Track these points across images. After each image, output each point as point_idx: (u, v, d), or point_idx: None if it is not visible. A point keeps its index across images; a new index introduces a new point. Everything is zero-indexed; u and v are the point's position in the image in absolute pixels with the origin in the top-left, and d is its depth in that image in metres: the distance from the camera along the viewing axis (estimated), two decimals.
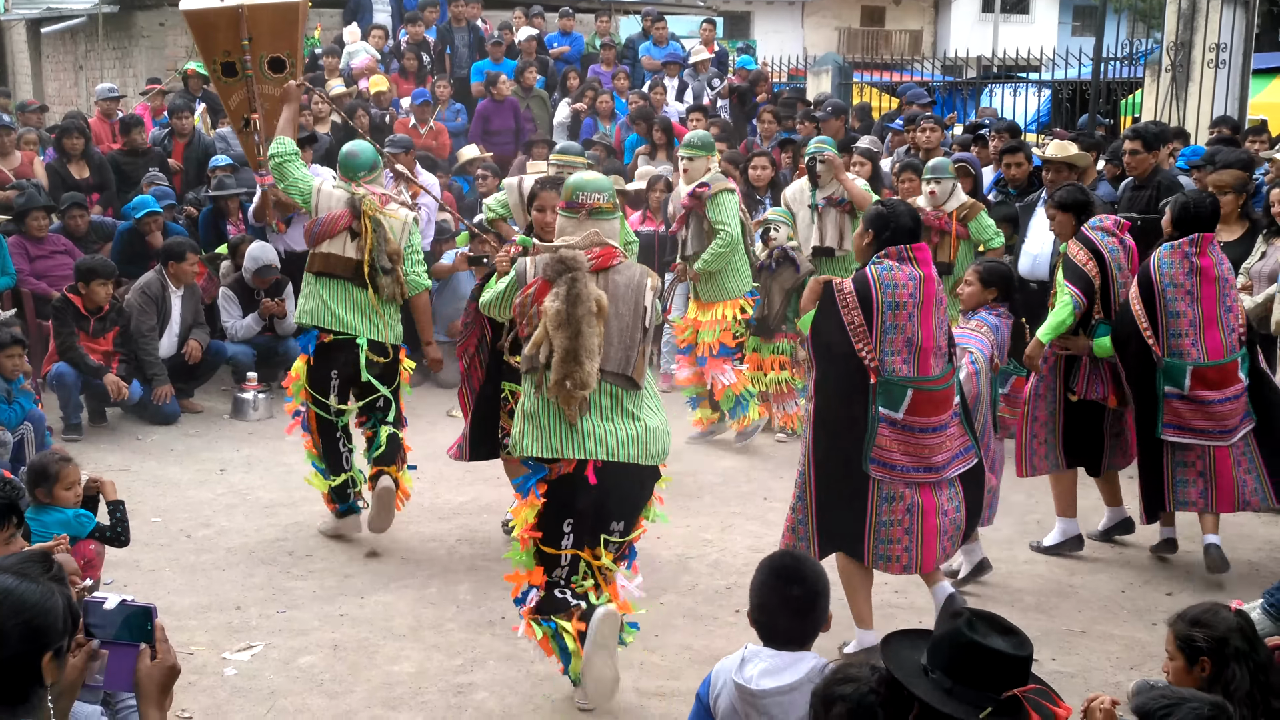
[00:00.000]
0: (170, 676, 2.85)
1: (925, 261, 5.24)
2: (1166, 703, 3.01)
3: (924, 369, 5.18)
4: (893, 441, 5.18)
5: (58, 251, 9.79)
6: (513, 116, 13.25)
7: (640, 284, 4.76)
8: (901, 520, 5.23)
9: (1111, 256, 6.43)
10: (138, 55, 16.58)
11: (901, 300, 5.11)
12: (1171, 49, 12.26)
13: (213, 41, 9.40)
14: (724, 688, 3.55)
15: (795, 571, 3.59)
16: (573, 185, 4.90)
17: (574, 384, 4.55)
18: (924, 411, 5.18)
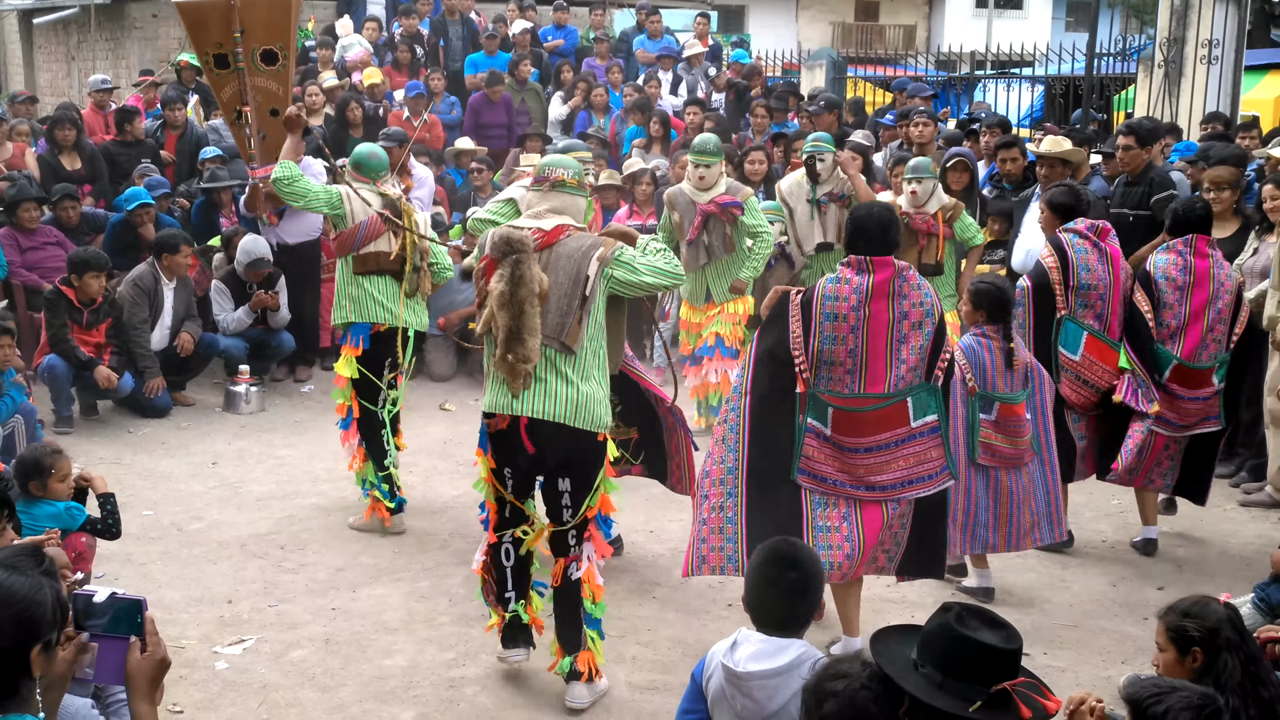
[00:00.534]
0: (160, 669, 2.85)
1: (885, 280, 5.02)
2: (1157, 691, 3.03)
3: (873, 383, 5.03)
4: (820, 454, 5.11)
5: (49, 243, 9.76)
6: (505, 111, 13.23)
7: (586, 254, 4.85)
8: (839, 526, 5.12)
9: (1077, 257, 6.45)
10: (130, 47, 16.54)
11: (841, 312, 5.00)
12: (1164, 45, 12.27)
13: (205, 33, 9.40)
14: (715, 669, 3.58)
15: (790, 556, 3.61)
16: (543, 162, 5.18)
17: (516, 358, 4.76)
18: (850, 431, 5.06)
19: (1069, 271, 6.45)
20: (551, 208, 5.00)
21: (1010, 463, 5.89)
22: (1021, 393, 5.88)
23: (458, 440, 8.68)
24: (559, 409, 4.82)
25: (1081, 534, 6.97)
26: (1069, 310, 6.47)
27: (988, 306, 5.91)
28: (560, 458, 4.92)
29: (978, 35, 29.72)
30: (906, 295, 5.05)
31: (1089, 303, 6.47)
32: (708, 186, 8.49)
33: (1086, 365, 6.51)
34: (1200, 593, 4.12)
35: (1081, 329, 6.49)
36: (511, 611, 5.11)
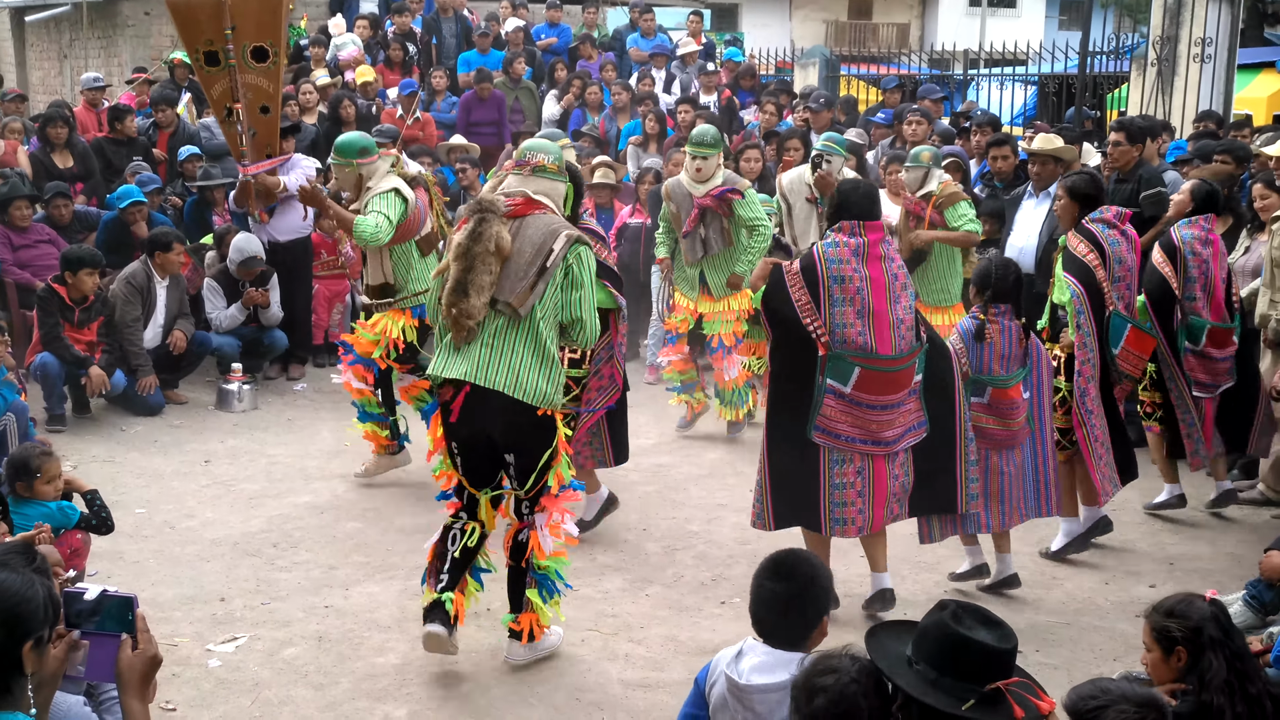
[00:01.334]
0: (152, 667, 2.84)
1: (875, 240, 5.40)
2: (1096, 703, 3.04)
3: (882, 342, 5.32)
4: (838, 413, 5.38)
5: (41, 241, 9.75)
6: (496, 109, 13.22)
7: (556, 231, 4.99)
8: (854, 482, 5.45)
9: (1112, 249, 6.36)
10: (122, 44, 16.53)
11: (847, 274, 5.31)
12: (1157, 44, 12.29)
13: (196, 30, 9.38)
14: (719, 678, 3.55)
15: (784, 567, 3.55)
16: (524, 146, 5.31)
17: (459, 312, 4.88)
18: (874, 389, 5.35)
19: (1107, 263, 6.36)
20: (533, 190, 5.13)
21: (1002, 444, 5.95)
22: (1019, 372, 5.90)
23: None
24: (500, 378, 4.90)
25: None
26: (1113, 304, 6.42)
27: (981, 284, 5.97)
28: (500, 429, 4.99)
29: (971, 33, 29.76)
30: (892, 259, 5.46)
31: (1120, 294, 6.45)
32: (705, 179, 8.39)
33: (1125, 357, 6.52)
34: (1190, 591, 4.13)
35: (1125, 321, 6.48)
36: (438, 595, 5.13)
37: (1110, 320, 6.41)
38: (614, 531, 6.92)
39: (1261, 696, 3.64)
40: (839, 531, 5.52)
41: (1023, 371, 5.91)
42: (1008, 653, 3.03)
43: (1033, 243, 8.59)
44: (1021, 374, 5.90)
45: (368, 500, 7.42)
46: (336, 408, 9.30)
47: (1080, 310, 6.29)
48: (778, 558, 3.62)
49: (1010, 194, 9.08)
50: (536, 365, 4.95)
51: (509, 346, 4.93)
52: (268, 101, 9.51)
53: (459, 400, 4.96)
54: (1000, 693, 2.99)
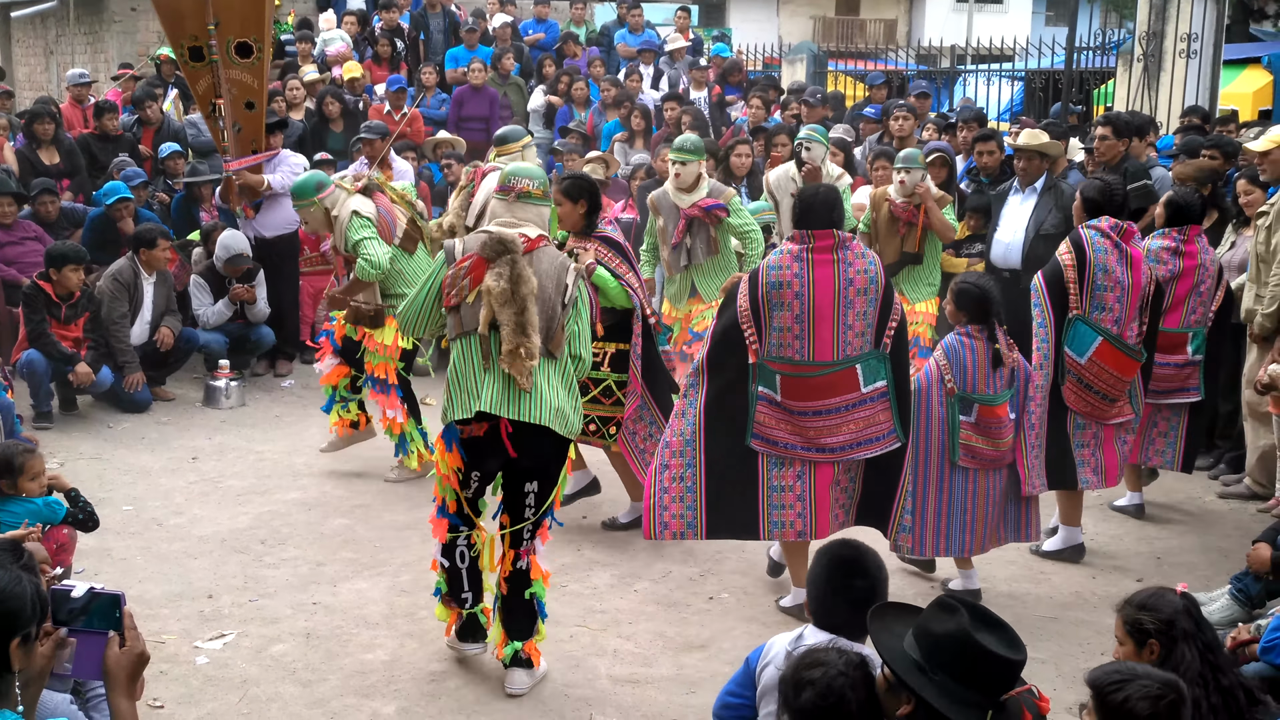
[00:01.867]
0: (139, 664, 2.84)
1: (823, 248, 5.35)
2: (1120, 678, 3.05)
3: (821, 349, 5.32)
4: (773, 420, 5.42)
5: (27, 238, 9.69)
6: (488, 104, 13.18)
7: (565, 266, 4.99)
8: (792, 485, 5.45)
9: (1096, 256, 6.22)
10: (109, 40, 16.48)
11: (785, 280, 5.31)
12: (1144, 39, 12.32)
13: (180, 26, 9.38)
14: (775, 657, 3.54)
15: (857, 564, 3.58)
16: (508, 171, 5.16)
17: (526, 353, 4.78)
18: (801, 395, 5.37)
19: (1085, 269, 6.24)
20: (521, 218, 5.04)
21: (991, 464, 5.89)
22: (1005, 393, 5.84)
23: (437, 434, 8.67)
24: (544, 414, 4.84)
25: None
26: (1082, 310, 6.26)
27: (970, 306, 5.84)
28: (534, 461, 4.97)
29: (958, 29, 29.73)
30: (851, 264, 5.36)
31: (1105, 305, 6.24)
32: (685, 186, 8.23)
33: (1094, 370, 6.26)
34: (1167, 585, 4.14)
35: (1095, 332, 6.24)
36: (469, 611, 5.17)
37: (1074, 324, 6.26)
38: (603, 528, 6.93)
39: (1234, 688, 3.67)
40: (776, 534, 5.52)
41: (1008, 392, 5.88)
42: (1022, 663, 3.05)
43: (1019, 238, 8.60)
44: (1008, 394, 5.87)
45: (356, 497, 7.42)
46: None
47: (1037, 303, 6.31)
48: (844, 556, 3.62)
49: (996, 189, 9.09)
50: (569, 398, 4.96)
51: (547, 381, 4.88)
52: (253, 97, 9.50)
53: (504, 434, 4.87)
54: (1012, 701, 3.02)
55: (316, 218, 7.60)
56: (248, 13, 9.32)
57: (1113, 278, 6.23)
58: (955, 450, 5.78)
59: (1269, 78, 16.75)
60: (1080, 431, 6.38)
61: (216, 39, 9.25)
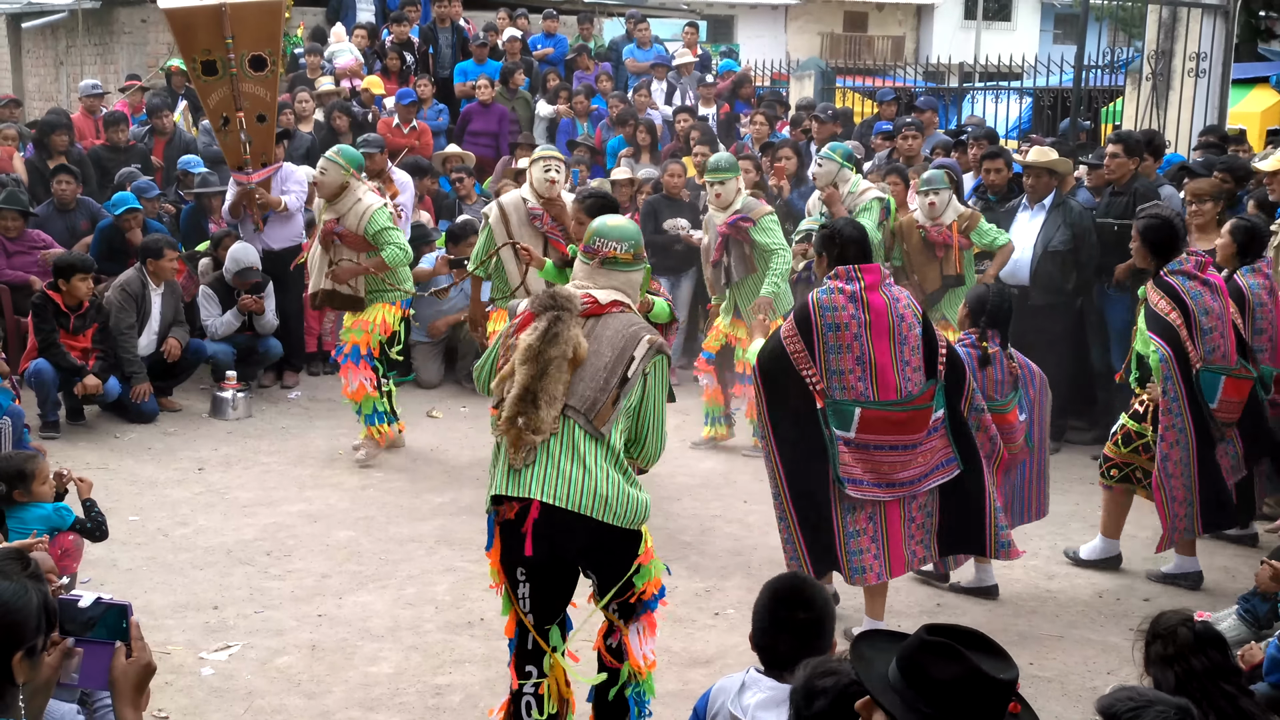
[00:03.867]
0: (145, 675, 2.84)
1: (873, 284, 5.28)
2: (1133, 705, 3.01)
3: (884, 388, 5.23)
4: (851, 458, 5.28)
5: (36, 247, 9.73)
6: (497, 120, 13.21)
7: (636, 336, 4.26)
8: (865, 529, 5.36)
9: (1195, 303, 6.14)
10: (119, 51, 16.52)
11: (843, 321, 5.20)
12: (1152, 58, 12.31)
13: (193, 40, 9.41)
14: (720, 711, 3.47)
15: (799, 594, 3.49)
16: (593, 229, 4.52)
17: (526, 425, 4.10)
18: (879, 430, 5.25)
19: (1191, 320, 6.12)
20: (607, 284, 4.40)
21: (1003, 466, 5.97)
22: (1011, 396, 5.94)
23: (444, 447, 8.69)
24: (582, 498, 4.08)
25: (1066, 544, 6.97)
26: (1202, 359, 6.16)
27: (975, 309, 5.99)
28: (581, 551, 4.23)
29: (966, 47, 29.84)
30: (898, 299, 5.31)
31: (1215, 346, 6.20)
32: (724, 205, 8.27)
33: (1225, 408, 6.25)
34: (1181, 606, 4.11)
35: (1218, 375, 6.20)
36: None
37: (1200, 377, 6.17)
38: None
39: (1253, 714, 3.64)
40: (858, 580, 5.44)
41: (1015, 395, 5.95)
42: (1014, 682, 2.96)
43: (1027, 255, 8.61)
44: (1014, 397, 5.95)
45: (361, 509, 7.42)
46: (331, 415, 9.30)
47: (1168, 375, 6.16)
48: (792, 586, 3.55)
49: (1005, 206, 9.09)
50: (619, 478, 4.17)
51: (585, 457, 4.12)
52: (264, 110, 9.55)
53: (529, 522, 4.11)
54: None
55: (333, 182, 8.06)
56: (262, 26, 9.36)
57: (1214, 316, 6.19)
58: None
59: (1277, 97, 16.75)
60: (1225, 460, 6.40)
61: (233, 53, 9.27)
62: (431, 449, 8.67)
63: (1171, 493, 6.23)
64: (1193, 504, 6.26)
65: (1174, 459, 6.21)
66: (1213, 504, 6.28)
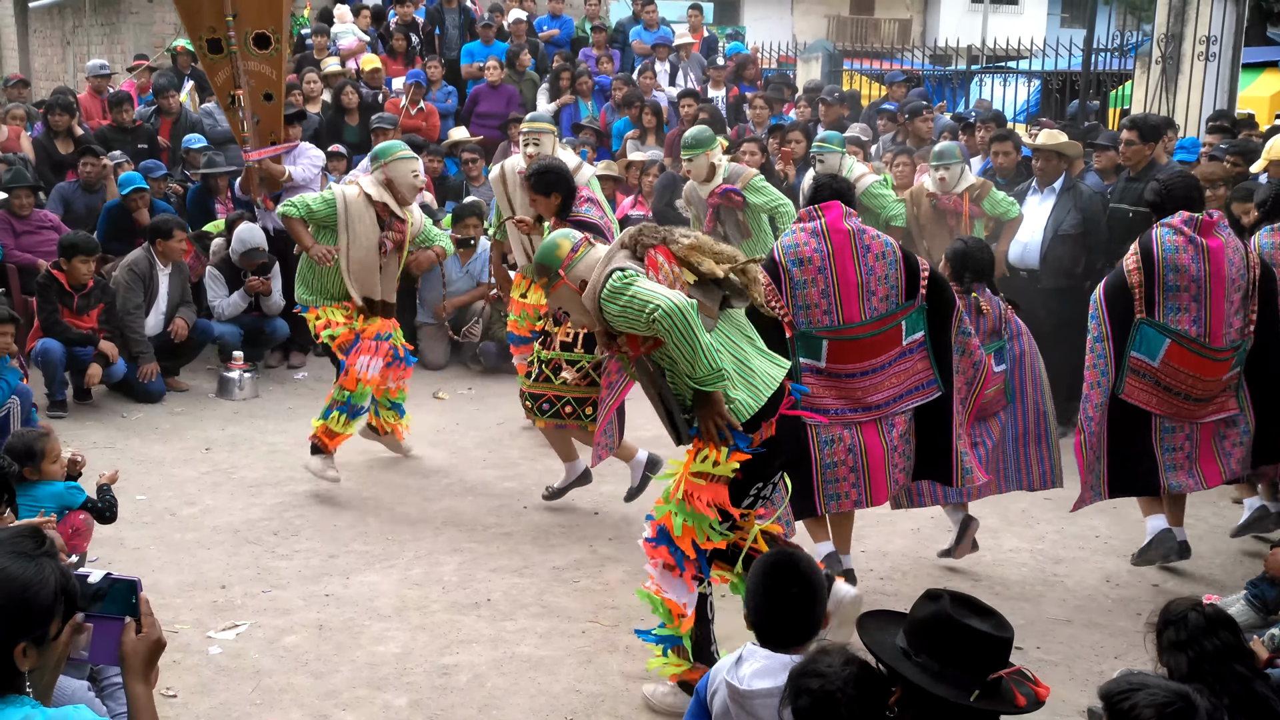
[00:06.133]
0: (155, 650, 2.84)
1: (835, 219, 5.43)
2: (1129, 687, 3.04)
3: (849, 314, 5.39)
4: (819, 388, 5.44)
5: (43, 227, 9.74)
6: (505, 102, 13.19)
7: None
8: (845, 460, 5.51)
9: (1166, 256, 5.92)
10: (126, 31, 16.51)
11: (806, 255, 5.39)
12: (1162, 41, 12.27)
13: (198, 18, 9.41)
14: (719, 686, 3.53)
15: (792, 571, 3.56)
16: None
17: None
18: (848, 358, 5.44)
19: (1153, 272, 5.95)
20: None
21: (980, 412, 6.00)
22: (991, 345, 5.97)
23: (450, 428, 8.68)
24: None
25: (1075, 529, 6.98)
26: (1149, 315, 5.97)
27: (964, 266, 6.04)
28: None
29: (973, 30, 29.69)
30: (864, 230, 5.49)
31: (1180, 305, 5.94)
32: (702, 178, 8.42)
33: (1168, 372, 5.99)
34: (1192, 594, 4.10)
35: (1163, 335, 5.97)
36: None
37: (1140, 328, 6.01)
38: (614, 522, 6.93)
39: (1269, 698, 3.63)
40: (834, 507, 5.58)
41: (995, 344, 6.01)
42: (1007, 641, 3.07)
43: (1037, 238, 8.58)
44: (994, 346, 6.00)
45: (368, 489, 7.42)
46: None
47: (1094, 315, 6.13)
48: (784, 562, 3.60)
49: (1014, 190, 9.07)
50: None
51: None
52: (271, 89, 9.52)
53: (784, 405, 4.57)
54: (1001, 681, 3.02)
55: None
56: (265, 4, 9.34)
57: (1187, 275, 5.92)
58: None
59: None
60: (1169, 435, 6.13)
61: (234, 30, 9.26)
62: (437, 430, 8.67)
63: (1088, 440, 6.11)
64: (1101, 458, 6.13)
65: (1094, 400, 6.12)
66: (1120, 464, 6.12)
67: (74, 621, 2.73)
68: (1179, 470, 6.16)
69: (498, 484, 7.53)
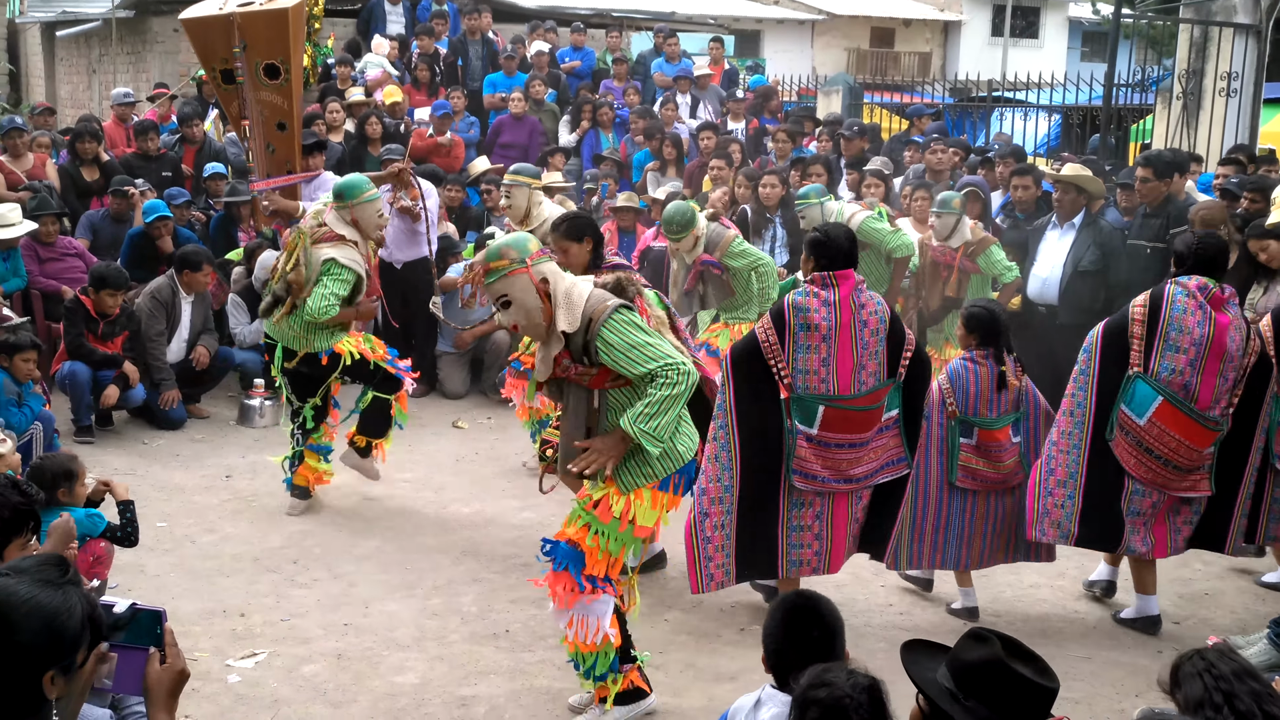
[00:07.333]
0: (179, 681, 2.85)
1: (847, 288, 5.47)
2: None
3: (844, 386, 5.45)
4: (810, 454, 5.51)
5: (68, 254, 9.81)
6: (527, 133, 13.23)
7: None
8: (811, 526, 5.62)
9: (1174, 314, 5.74)
10: (151, 60, 16.64)
11: (814, 322, 5.42)
12: (1183, 77, 12.29)
13: (211, 49, 9.52)
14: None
15: (812, 613, 3.52)
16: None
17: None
18: (839, 428, 5.48)
19: (1157, 324, 5.77)
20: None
21: (994, 485, 6.05)
22: (1007, 417, 5.99)
23: (470, 457, 8.69)
24: None
25: (1094, 565, 6.93)
26: (1145, 368, 5.79)
27: (979, 330, 6.06)
28: None
29: (993, 63, 29.77)
30: (864, 305, 5.50)
31: (1175, 367, 5.74)
32: (688, 250, 8.15)
33: (1154, 433, 5.78)
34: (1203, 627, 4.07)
35: (1155, 392, 5.76)
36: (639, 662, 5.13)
37: (1134, 382, 5.82)
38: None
39: None
40: (794, 573, 5.68)
41: (1012, 416, 6.00)
42: (1055, 691, 3.05)
43: (1056, 274, 8.56)
44: (1011, 418, 6.00)
45: (388, 518, 7.43)
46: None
47: (1086, 349, 5.99)
48: (803, 605, 3.55)
49: (1033, 224, 9.06)
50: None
51: None
52: (284, 118, 9.58)
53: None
54: None
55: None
56: (273, 35, 9.39)
57: (1189, 338, 5.73)
58: (953, 471, 5.97)
59: None
60: (1137, 498, 5.93)
61: (242, 61, 9.34)
62: (457, 459, 8.68)
63: (1051, 470, 5.94)
64: (1074, 505, 5.94)
65: (1063, 429, 5.93)
66: (1092, 512, 5.93)
67: (99, 651, 2.74)
68: (1136, 534, 5.99)
69: (517, 514, 7.54)
